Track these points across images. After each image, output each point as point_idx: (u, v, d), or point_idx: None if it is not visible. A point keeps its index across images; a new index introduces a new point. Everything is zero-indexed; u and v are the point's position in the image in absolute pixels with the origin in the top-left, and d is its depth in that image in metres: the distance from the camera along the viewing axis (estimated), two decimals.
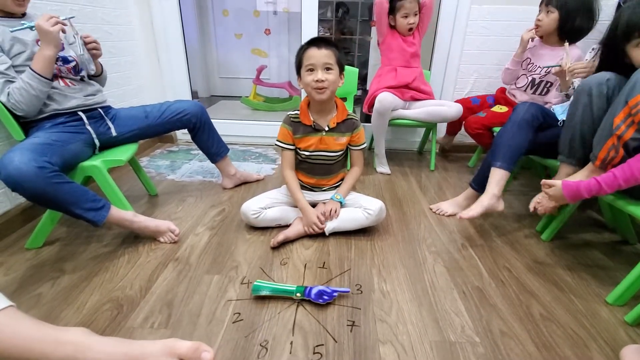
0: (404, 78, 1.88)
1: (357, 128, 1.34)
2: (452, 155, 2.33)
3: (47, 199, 1.03)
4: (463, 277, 1.12)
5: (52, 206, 1.08)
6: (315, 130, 1.30)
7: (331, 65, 1.19)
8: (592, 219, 1.53)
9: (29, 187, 0.98)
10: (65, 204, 1.06)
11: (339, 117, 1.29)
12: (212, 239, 1.29)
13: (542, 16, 1.58)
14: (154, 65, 2.26)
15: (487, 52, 2.11)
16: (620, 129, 0.98)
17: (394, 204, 1.61)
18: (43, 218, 1.20)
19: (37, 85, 1.09)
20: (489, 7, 2.01)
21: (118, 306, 0.96)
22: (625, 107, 0.97)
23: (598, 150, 1.05)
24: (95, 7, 1.77)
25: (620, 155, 1.00)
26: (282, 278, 1.09)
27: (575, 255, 1.26)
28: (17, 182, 0.97)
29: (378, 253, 1.23)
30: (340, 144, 1.33)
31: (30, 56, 1.13)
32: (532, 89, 1.71)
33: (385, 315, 0.95)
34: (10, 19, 1.14)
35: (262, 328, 0.89)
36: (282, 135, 1.33)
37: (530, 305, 1.01)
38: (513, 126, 1.33)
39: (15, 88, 1.08)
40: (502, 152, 1.33)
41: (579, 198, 1.02)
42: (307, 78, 1.20)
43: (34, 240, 1.21)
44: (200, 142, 1.62)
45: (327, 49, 1.18)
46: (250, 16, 3.72)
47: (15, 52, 1.12)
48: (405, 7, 1.83)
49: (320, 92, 1.20)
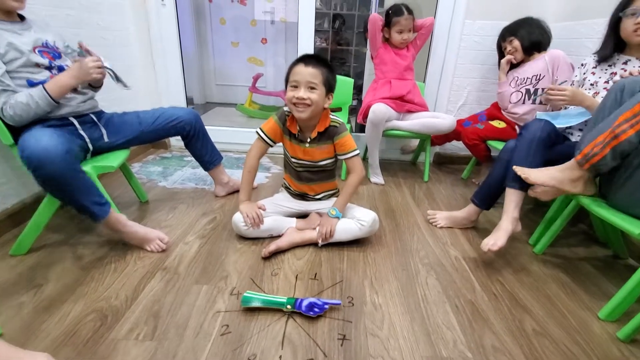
0: (398, 90, 1.90)
1: (340, 134, 1.26)
2: (445, 167, 2.34)
3: (63, 183, 1.04)
4: (456, 291, 1.11)
5: (63, 192, 1.07)
6: (299, 140, 1.29)
7: (315, 85, 1.16)
8: (584, 232, 1.54)
9: (52, 169, 1.00)
10: (77, 193, 1.07)
11: (319, 127, 1.25)
12: (202, 248, 1.26)
13: (509, 47, 1.81)
14: (149, 71, 2.25)
15: (479, 65, 2.14)
16: (622, 127, 0.94)
17: (387, 215, 1.61)
18: (29, 224, 1.17)
19: (44, 106, 1.10)
20: (482, 23, 2.05)
21: (102, 317, 0.93)
22: (636, 105, 0.93)
23: (585, 145, 1.02)
24: (91, 13, 1.77)
25: (603, 153, 0.98)
26: (272, 289, 1.07)
27: (567, 269, 1.25)
28: (41, 161, 0.98)
29: (370, 265, 1.22)
30: (323, 152, 1.30)
31: (26, 63, 1.12)
32: (530, 99, 1.75)
33: (376, 329, 0.93)
34: (7, 23, 1.12)
35: (250, 341, 0.87)
36: (268, 128, 1.30)
37: (523, 320, 1.00)
38: (530, 145, 1.28)
39: (20, 102, 1.06)
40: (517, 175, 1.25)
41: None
42: (289, 94, 1.18)
43: (18, 246, 1.17)
44: (193, 150, 1.60)
45: (314, 67, 1.15)
46: (247, 25, 3.75)
47: (10, 58, 1.10)
48: (401, 23, 1.87)
49: (300, 111, 1.17)
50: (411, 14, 1.87)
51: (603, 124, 1.01)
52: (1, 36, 1.09)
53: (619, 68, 1.33)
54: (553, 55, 1.69)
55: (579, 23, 1.83)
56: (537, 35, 1.74)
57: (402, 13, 1.86)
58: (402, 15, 1.86)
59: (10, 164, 1.33)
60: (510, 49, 1.81)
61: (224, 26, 3.75)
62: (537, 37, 1.75)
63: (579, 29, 1.82)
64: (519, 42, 1.76)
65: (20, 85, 1.12)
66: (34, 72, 1.14)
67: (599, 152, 0.99)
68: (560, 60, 1.66)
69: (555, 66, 1.66)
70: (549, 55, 1.70)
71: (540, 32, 1.75)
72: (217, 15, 3.71)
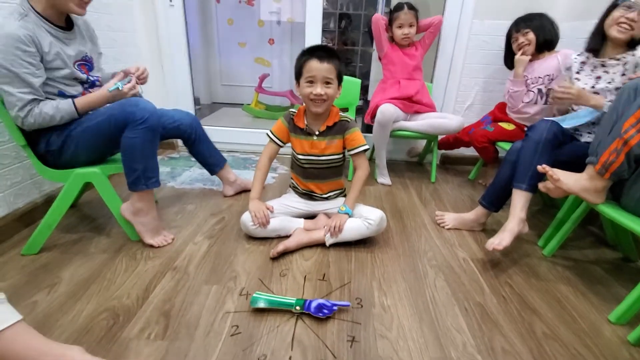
0: (407, 90, 1.90)
1: (350, 129, 1.30)
2: (452, 168, 2.33)
3: (154, 142, 1.19)
4: (464, 293, 1.11)
5: (149, 147, 1.17)
6: (307, 133, 1.31)
7: (331, 79, 1.20)
8: (594, 235, 1.53)
9: (157, 122, 1.16)
10: (154, 154, 1.20)
11: (329, 121, 1.29)
12: (211, 248, 1.27)
13: (523, 39, 1.73)
14: (157, 71, 2.27)
15: (488, 65, 2.13)
16: (629, 133, 0.95)
17: (394, 215, 1.61)
18: (40, 224, 1.19)
19: (67, 119, 1.12)
20: (490, 22, 2.03)
21: (114, 316, 0.94)
22: (638, 110, 0.95)
23: (601, 153, 1.03)
24: (102, 14, 1.79)
25: (619, 160, 0.98)
26: (281, 290, 1.08)
27: (577, 271, 1.25)
28: (153, 115, 1.14)
29: (378, 266, 1.22)
30: (332, 147, 1.32)
31: (68, 76, 1.13)
32: (543, 99, 1.73)
33: (385, 331, 0.93)
34: (58, 29, 1.12)
35: (260, 342, 0.88)
36: (277, 128, 1.36)
37: (532, 323, 0.99)
38: (537, 146, 1.28)
39: (46, 114, 1.07)
40: (526, 173, 1.27)
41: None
42: (306, 90, 1.21)
43: (30, 246, 1.19)
44: (198, 154, 1.61)
45: (329, 62, 1.18)
46: (254, 26, 3.76)
47: (55, 66, 1.10)
48: (400, 17, 1.88)
49: (317, 105, 1.22)
50: (412, 9, 1.87)
51: (614, 131, 1.01)
52: (51, 43, 1.08)
53: (601, 71, 1.37)
54: (566, 55, 1.65)
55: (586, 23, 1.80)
56: (552, 33, 1.71)
57: (401, 8, 1.87)
58: (401, 10, 1.87)
59: (23, 164, 1.35)
60: (523, 41, 1.72)
61: (231, 27, 3.77)
62: (552, 35, 1.71)
63: (586, 28, 1.80)
64: (534, 35, 1.69)
65: (51, 94, 1.12)
66: (69, 85, 1.15)
67: (616, 160, 0.99)
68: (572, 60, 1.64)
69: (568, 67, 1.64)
70: (562, 55, 1.66)
71: (554, 30, 1.71)
72: (224, 16, 3.72)
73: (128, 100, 1.16)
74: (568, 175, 1.10)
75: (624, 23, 1.25)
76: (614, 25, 1.28)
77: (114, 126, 1.13)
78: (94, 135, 1.15)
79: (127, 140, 1.14)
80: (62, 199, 1.19)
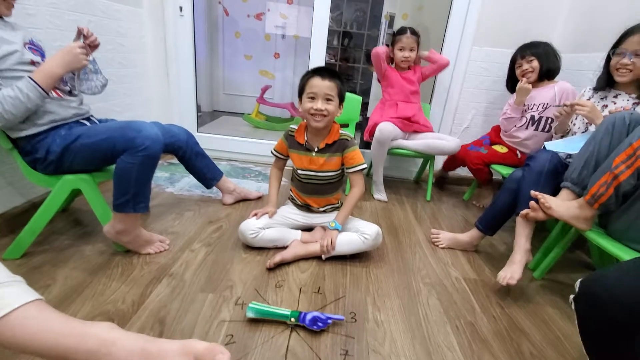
0: (404, 112, 1.96)
1: (349, 148, 1.33)
2: (447, 187, 2.38)
3: (152, 169, 1.16)
4: (456, 311, 1.13)
5: (145, 174, 1.15)
6: (306, 149, 1.34)
7: (332, 97, 1.24)
8: (581, 260, 1.57)
9: (158, 151, 1.13)
10: (149, 180, 1.18)
11: (329, 139, 1.32)
12: (208, 256, 1.28)
13: (527, 66, 1.77)
14: (162, 78, 2.31)
15: (485, 91, 2.20)
16: (619, 169, 1.01)
17: (390, 232, 1.63)
18: (24, 229, 1.16)
19: (35, 99, 1.03)
20: (489, 50, 2.12)
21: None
22: (629, 147, 1.00)
23: (592, 185, 1.07)
24: (111, 20, 1.82)
25: (608, 193, 1.03)
26: (276, 301, 1.09)
27: (564, 295, 1.28)
28: (155, 143, 1.11)
29: (373, 281, 1.24)
30: (331, 164, 1.35)
31: (22, 60, 1.06)
32: (534, 126, 1.79)
33: (378, 346, 0.95)
34: None
35: (254, 352, 0.89)
36: (278, 146, 1.45)
37: (520, 343, 1.02)
38: (539, 177, 1.31)
39: (8, 96, 0.98)
40: (529, 204, 1.26)
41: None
42: (307, 105, 1.25)
43: (12, 250, 1.16)
44: (194, 170, 1.62)
45: (330, 80, 1.23)
46: (261, 39, 3.85)
47: (3, 53, 1.01)
48: (402, 41, 1.94)
49: (317, 120, 1.26)
50: (414, 34, 1.93)
51: (605, 164, 1.06)
52: None
53: (610, 101, 1.42)
54: (563, 88, 1.72)
55: (582, 55, 1.89)
56: (555, 64, 1.75)
57: (404, 32, 1.93)
58: (404, 33, 1.93)
59: (7, 168, 1.31)
60: (527, 68, 1.76)
61: (238, 39, 3.84)
62: (554, 65, 1.75)
63: (582, 60, 1.89)
64: (538, 64, 1.74)
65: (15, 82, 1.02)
66: (28, 71, 1.05)
67: (605, 192, 1.03)
68: (569, 93, 1.70)
69: (564, 98, 1.69)
70: (558, 87, 1.72)
71: (557, 61, 1.76)
72: (232, 28, 3.80)
73: (129, 125, 1.12)
74: (560, 203, 1.15)
75: (621, 69, 1.34)
76: (614, 71, 1.37)
77: (112, 149, 1.10)
78: (92, 152, 1.12)
79: (124, 164, 1.10)
80: (48, 204, 1.16)
